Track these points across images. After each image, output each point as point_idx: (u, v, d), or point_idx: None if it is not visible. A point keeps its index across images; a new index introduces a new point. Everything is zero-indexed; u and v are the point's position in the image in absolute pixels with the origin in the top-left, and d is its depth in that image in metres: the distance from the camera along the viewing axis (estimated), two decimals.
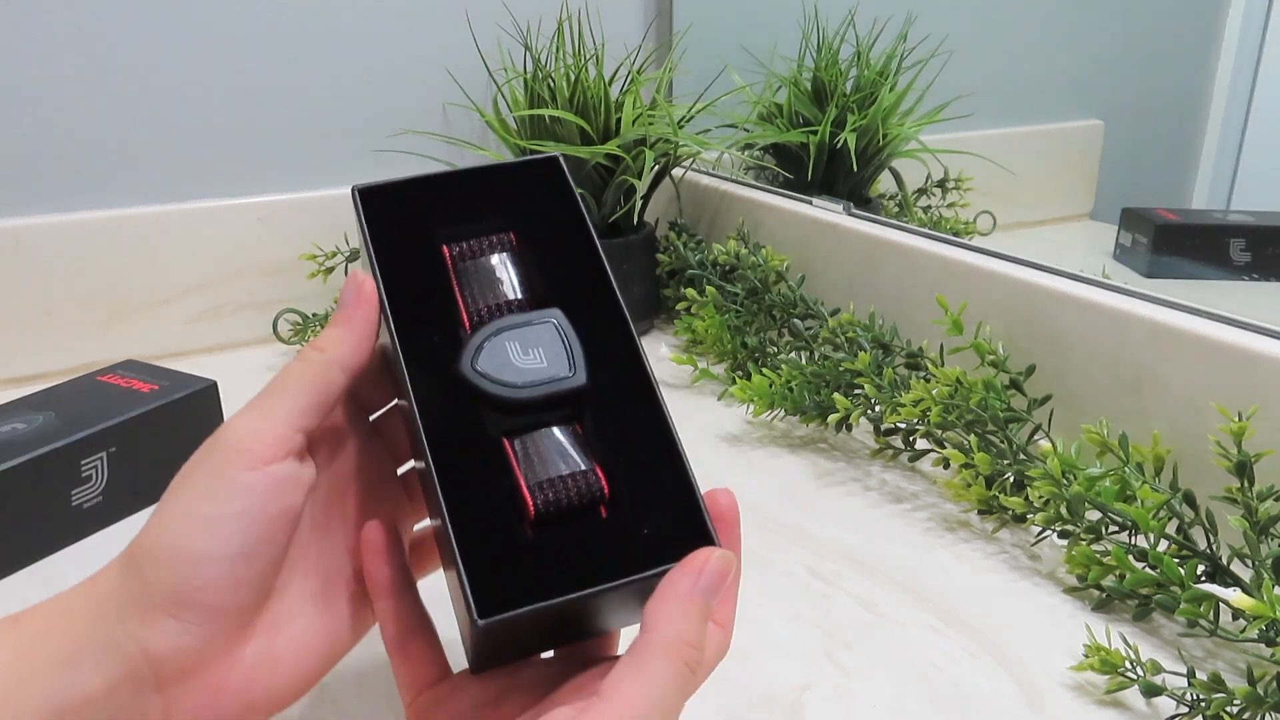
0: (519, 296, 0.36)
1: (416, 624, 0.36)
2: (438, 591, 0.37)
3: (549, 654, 0.37)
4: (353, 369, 0.35)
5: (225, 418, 0.66)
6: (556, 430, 0.34)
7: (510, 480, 0.33)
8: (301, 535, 0.35)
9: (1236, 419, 0.49)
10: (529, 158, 0.39)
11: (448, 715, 0.34)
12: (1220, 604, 0.46)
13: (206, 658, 0.31)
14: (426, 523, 0.40)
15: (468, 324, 0.36)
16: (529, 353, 0.34)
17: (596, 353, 0.35)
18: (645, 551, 0.32)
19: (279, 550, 0.33)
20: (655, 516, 0.33)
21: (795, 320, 0.75)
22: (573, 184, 0.39)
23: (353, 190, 0.37)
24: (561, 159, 0.39)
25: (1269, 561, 0.45)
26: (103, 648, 0.31)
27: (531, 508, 0.33)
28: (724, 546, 0.33)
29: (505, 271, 0.37)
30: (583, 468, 0.33)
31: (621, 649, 0.37)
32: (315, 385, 0.34)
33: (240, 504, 0.32)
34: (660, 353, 0.86)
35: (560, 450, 0.34)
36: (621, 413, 0.35)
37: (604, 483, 0.33)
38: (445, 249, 0.37)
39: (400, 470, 0.40)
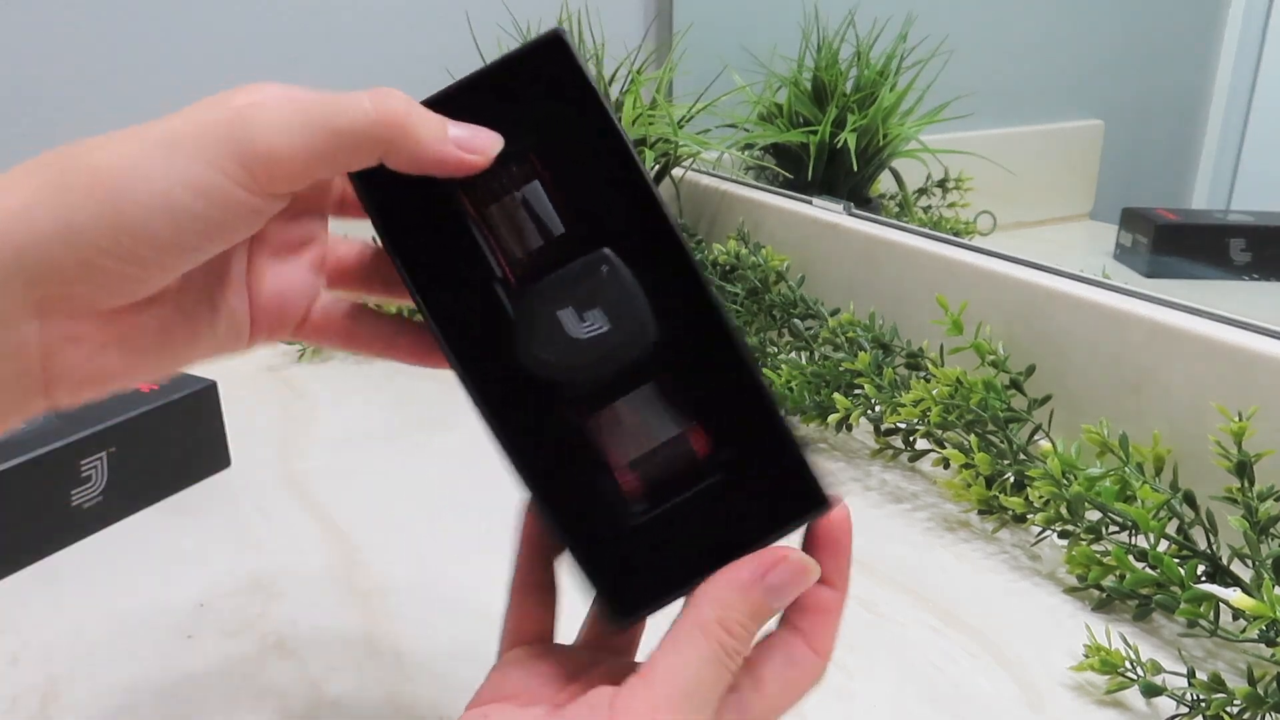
0: (559, 234, 0.31)
1: (543, 580, 0.35)
2: None
3: None
4: (394, 158, 0.30)
5: (225, 418, 0.66)
6: (636, 396, 0.31)
7: (600, 463, 0.31)
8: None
9: (1236, 419, 0.49)
10: (525, 46, 0.32)
11: (523, 675, 0.32)
12: (1220, 604, 0.46)
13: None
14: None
15: (511, 276, 0.32)
16: (586, 318, 0.31)
17: (660, 293, 0.31)
18: (757, 520, 0.31)
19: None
20: (760, 479, 0.31)
21: (795, 320, 0.75)
22: (586, 71, 0.31)
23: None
24: (565, 36, 0.31)
25: (1269, 561, 0.45)
26: None
27: (632, 489, 0.31)
28: (829, 571, 0.32)
29: (538, 207, 0.32)
30: (674, 432, 0.31)
31: None
32: (360, 137, 0.30)
33: (219, 215, 0.28)
34: None
35: (645, 418, 0.31)
36: (701, 363, 0.31)
37: (702, 442, 0.31)
38: (462, 195, 0.32)
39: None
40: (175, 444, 0.62)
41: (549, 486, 0.31)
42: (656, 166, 0.85)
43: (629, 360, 0.31)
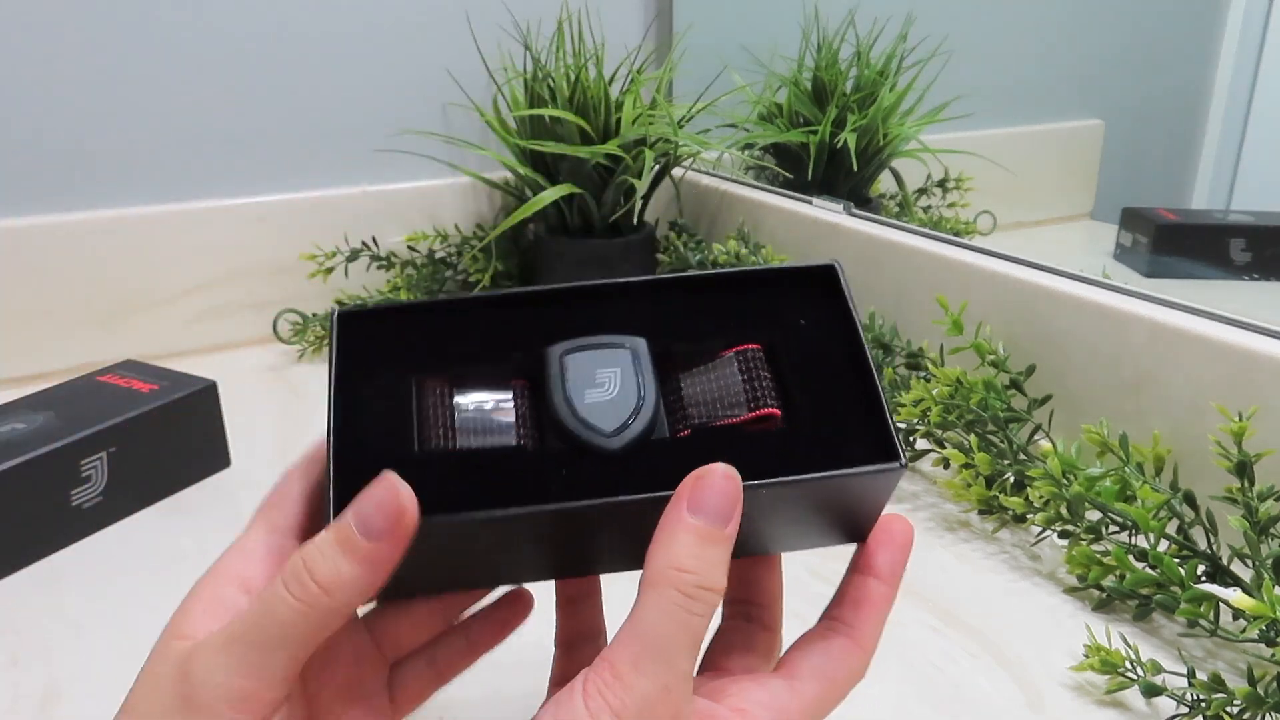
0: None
1: (591, 631, 0.36)
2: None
3: None
4: (354, 610, 0.28)
5: (224, 418, 0.66)
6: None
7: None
8: None
9: (1236, 419, 0.49)
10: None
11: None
12: (1220, 604, 0.46)
13: None
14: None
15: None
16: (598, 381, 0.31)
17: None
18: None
19: None
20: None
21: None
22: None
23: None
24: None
25: (1269, 561, 0.45)
26: None
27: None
28: (882, 564, 0.31)
29: (506, 414, 0.31)
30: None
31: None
32: (312, 635, 0.26)
33: None
34: None
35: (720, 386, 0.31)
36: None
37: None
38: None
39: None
40: (175, 444, 0.62)
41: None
42: (656, 167, 0.85)
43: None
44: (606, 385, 0.31)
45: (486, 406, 0.31)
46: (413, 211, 0.93)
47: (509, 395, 0.31)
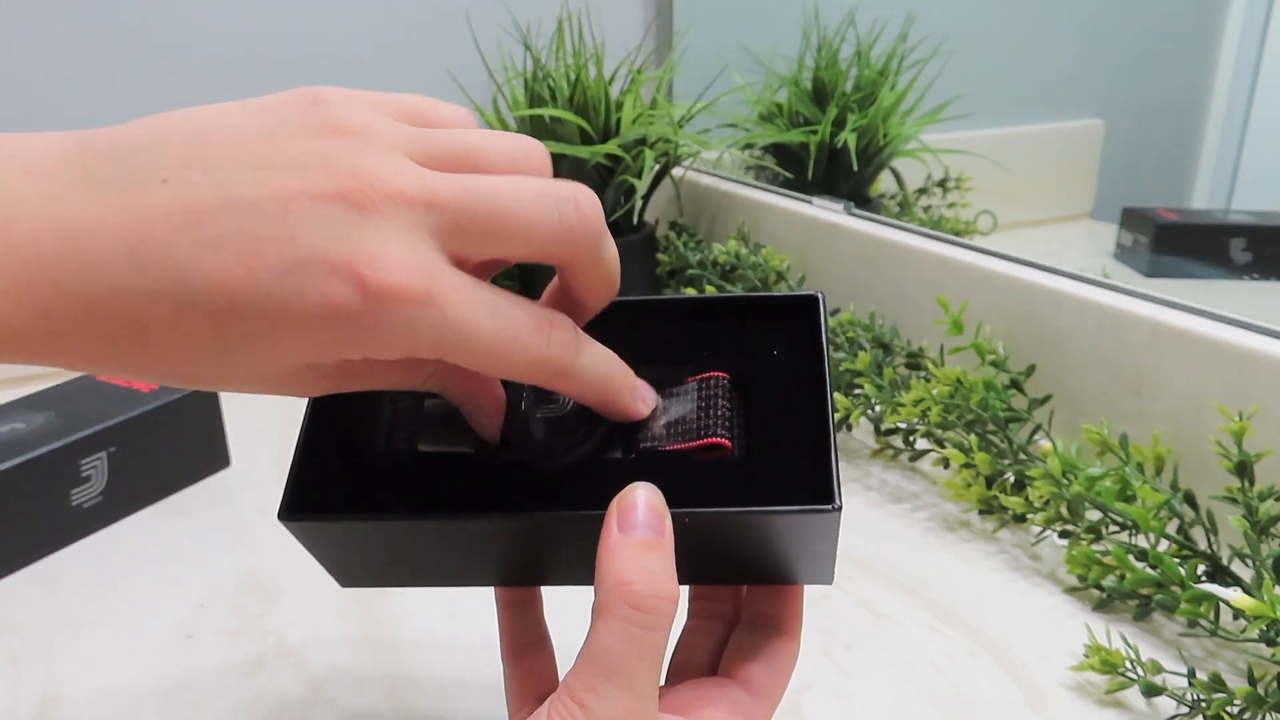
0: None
1: (535, 637, 0.36)
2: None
3: None
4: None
5: (224, 418, 0.66)
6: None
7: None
8: None
9: (1237, 419, 0.49)
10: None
11: None
12: (1220, 604, 0.46)
13: None
14: None
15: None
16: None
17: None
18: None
19: None
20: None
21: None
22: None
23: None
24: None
25: (1269, 561, 0.45)
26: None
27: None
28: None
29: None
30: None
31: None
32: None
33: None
34: None
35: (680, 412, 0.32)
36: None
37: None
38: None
39: None
40: (175, 444, 0.62)
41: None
42: (656, 166, 0.85)
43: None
44: (561, 402, 0.31)
45: (452, 413, 0.32)
46: None
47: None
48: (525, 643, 0.35)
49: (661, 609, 0.26)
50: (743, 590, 0.36)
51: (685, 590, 0.36)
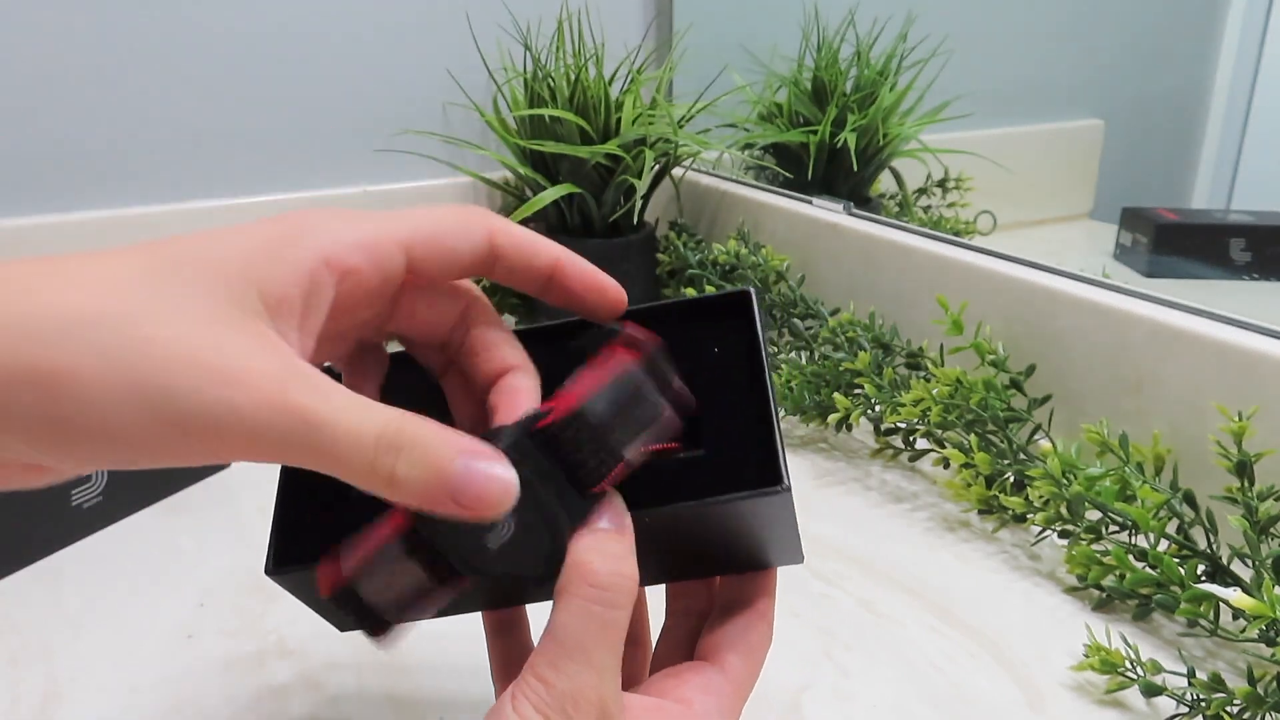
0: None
1: (523, 658, 0.36)
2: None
3: None
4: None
5: None
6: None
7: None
8: None
9: (1236, 419, 0.49)
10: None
11: None
12: (1220, 604, 0.46)
13: None
14: None
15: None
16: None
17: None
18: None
19: None
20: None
21: (795, 320, 0.75)
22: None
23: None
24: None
25: (1269, 561, 0.45)
26: None
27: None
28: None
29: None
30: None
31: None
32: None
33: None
34: None
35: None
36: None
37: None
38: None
39: None
40: None
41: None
42: (656, 166, 0.85)
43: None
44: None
45: None
46: None
47: None
48: (514, 664, 0.36)
49: (619, 586, 0.27)
50: (716, 584, 0.37)
51: (661, 590, 0.37)
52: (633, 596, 0.28)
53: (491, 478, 0.25)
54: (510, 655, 0.37)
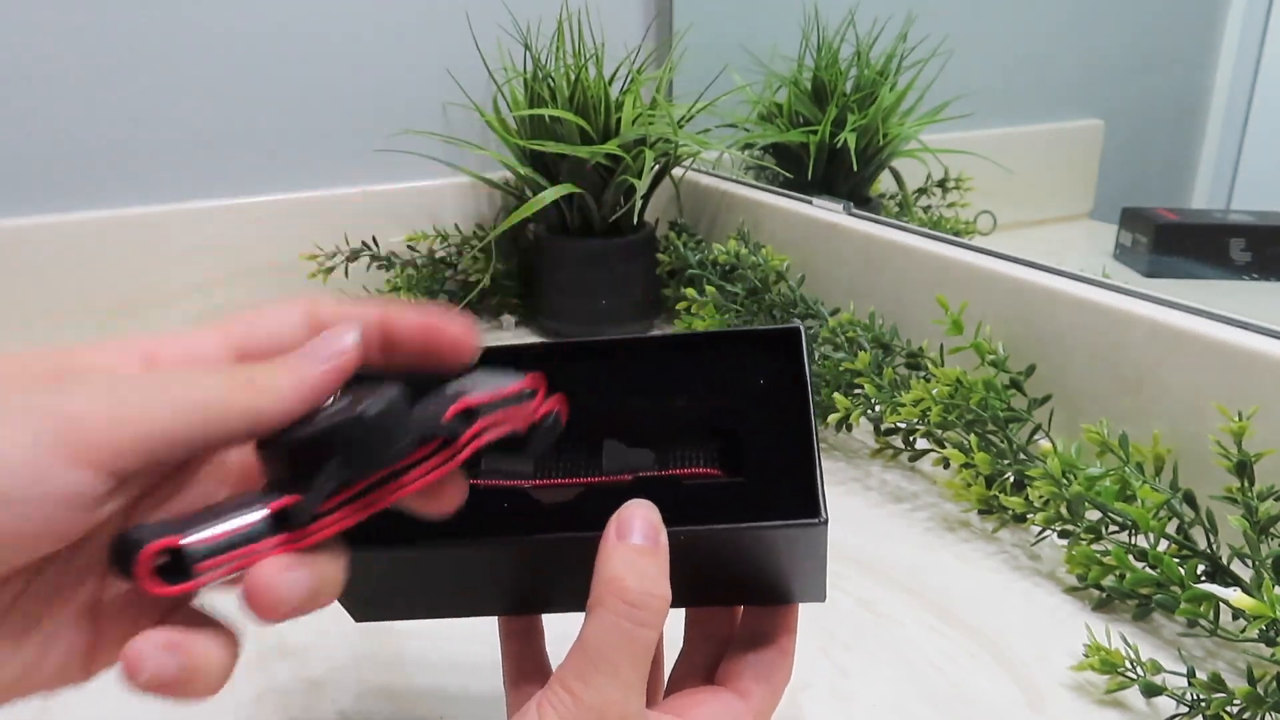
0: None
1: (536, 666, 0.37)
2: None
3: None
4: (259, 432, 0.25)
5: None
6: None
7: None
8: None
9: (1236, 419, 0.49)
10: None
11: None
12: (1220, 604, 0.46)
13: None
14: None
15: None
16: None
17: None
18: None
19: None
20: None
21: (795, 320, 0.75)
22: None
23: None
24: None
25: (1269, 561, 0.45)
26: None
27: None
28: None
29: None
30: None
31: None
32: (213, 422, 0.24)
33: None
34: None
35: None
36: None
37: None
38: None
39: None
40: None
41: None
42: (656, 166, 0.85)
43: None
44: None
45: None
46: (413, 211, 0.93)
47: None
48: (527, 671, 0.36)
49: (651, 605, 0.28)
50: (738, 614, 0.38)
51: (682, 614, 0.38)
52: (663, 616, 0.28)
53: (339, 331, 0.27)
54: (524, 660, 0.37)
